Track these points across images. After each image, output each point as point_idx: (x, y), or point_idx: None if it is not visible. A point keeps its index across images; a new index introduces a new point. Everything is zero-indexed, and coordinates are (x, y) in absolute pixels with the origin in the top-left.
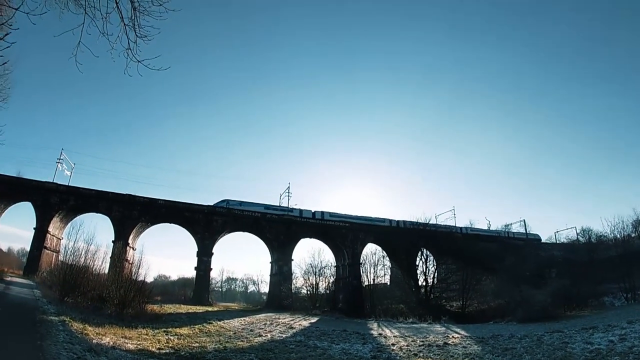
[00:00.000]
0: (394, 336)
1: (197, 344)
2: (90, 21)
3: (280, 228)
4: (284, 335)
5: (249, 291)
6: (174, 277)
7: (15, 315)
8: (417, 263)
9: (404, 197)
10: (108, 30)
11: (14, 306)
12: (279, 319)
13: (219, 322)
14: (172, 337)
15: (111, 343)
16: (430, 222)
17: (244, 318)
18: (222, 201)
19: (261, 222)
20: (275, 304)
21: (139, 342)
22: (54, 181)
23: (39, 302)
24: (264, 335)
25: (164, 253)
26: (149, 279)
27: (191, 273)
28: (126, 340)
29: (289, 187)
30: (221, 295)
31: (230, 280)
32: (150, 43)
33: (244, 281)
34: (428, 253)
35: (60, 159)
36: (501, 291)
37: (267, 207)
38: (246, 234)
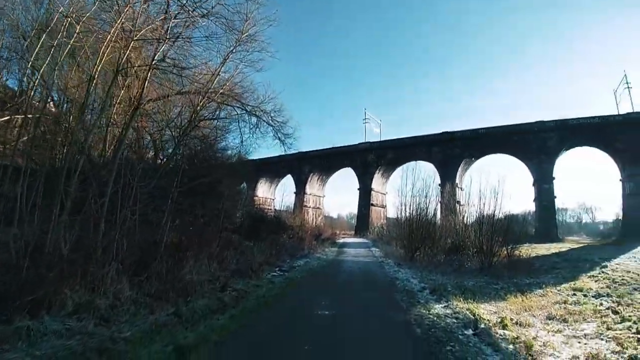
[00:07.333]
0: None
1: None
2: None
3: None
4: None
5: (582, 222)
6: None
7: (380, 308)
8: None
9: None
10: None
11: (374, 289)
12: None
13: (611, 264)
14: (607, 303)
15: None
16: None
17: (629, 255)
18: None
19: (606, 130)
20: (635, 232)
21: (585, 328)
22: (366, 140)
23: (384, 265)
24: None
25: None
26: None
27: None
28: (557, 328)
29: (625, 76)
30: None
31: (559, 211)
32: None
33: (575, 210)
34: None
35: (365, 119)
36: None
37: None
38: (586, 149)
